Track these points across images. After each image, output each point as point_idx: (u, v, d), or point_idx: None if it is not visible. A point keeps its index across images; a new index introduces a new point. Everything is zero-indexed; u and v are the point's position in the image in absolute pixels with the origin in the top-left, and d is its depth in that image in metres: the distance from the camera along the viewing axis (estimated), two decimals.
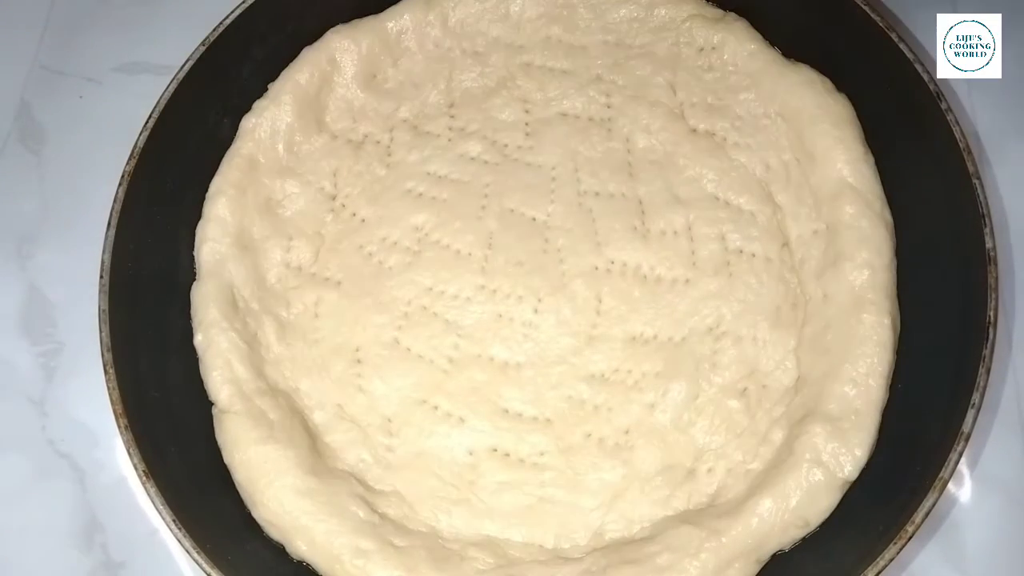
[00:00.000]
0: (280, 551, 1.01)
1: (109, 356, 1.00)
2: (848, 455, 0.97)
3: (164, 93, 1.11)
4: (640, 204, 1.14)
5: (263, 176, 1.15)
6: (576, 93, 1.20)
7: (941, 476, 0.92)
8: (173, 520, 0.95)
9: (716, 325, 1.08)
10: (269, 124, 1.16)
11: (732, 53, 1.17)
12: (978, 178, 1.01)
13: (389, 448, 1.07)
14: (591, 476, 1.04)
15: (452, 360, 1.10)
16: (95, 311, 1.02)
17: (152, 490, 0.96)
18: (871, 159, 1.10)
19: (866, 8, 1.09)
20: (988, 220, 0.99)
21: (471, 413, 1.07)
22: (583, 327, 1.09)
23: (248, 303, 1.11)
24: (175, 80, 1.11)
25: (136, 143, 1.09)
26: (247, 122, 1.16)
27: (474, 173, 1.17)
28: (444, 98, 1.21)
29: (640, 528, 1.02)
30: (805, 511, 0.97)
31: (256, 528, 1.02)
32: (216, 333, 1.07)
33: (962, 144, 1.02)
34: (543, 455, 1.05)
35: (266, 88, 1.18)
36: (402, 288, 1.12)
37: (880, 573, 0.91)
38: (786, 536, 0.98)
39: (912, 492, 0.93)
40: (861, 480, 0.98)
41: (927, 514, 0.92)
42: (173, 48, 1.15)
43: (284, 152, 1.17)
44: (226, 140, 1.16)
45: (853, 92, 1.12)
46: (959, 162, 1.01)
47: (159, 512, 0.95)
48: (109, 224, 1.05)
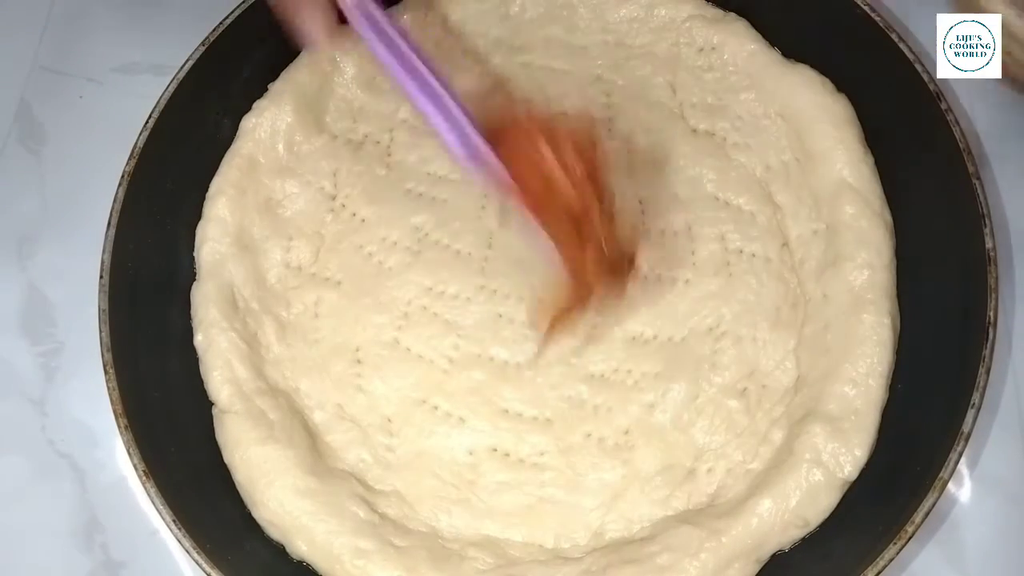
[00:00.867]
0: (280, 551, 1.01)
1: (109, 356, 1.00)
2: (848, 455, 0.98)
3: (164, 93, 1.11)
4: (640, 204, 1.14)
5: (263, 176, 1.15)
6: (576, 93, 1.19)
7: (941, 476, 0.92)
8: (173, 520, 0.95)
9: (716, 325, 1.08)
10: (269, 124, 1.16)
11: (732, 53, 1.16)
12: (978, 178, 1.01)
13: (389, 448, 1.07)
14: (591, 476, 1.04)
15: (452, 360, 1.09)
16: (95, 311, 1.02)
17: (152, 490, 0.96)
18: (871, 159, 1.10)
19: (866, 8, 1.09)
20: (988, 220, 0.99)
21: (471, 413, 1.07)
22: (583, 327, 1.09)
23: (248, 303, 1.11)
24: (175, 80, 1.11)
25: (136, 143, 1.09)
26: (247, 122, 1.16)
27: None
28: None
29: (640, 528, 1.02)
30: (805, 511, 0.97)
31: (256, 528, 1.02)
32: (216, 333, 1.07)
33: (962, 144, 1.02)
34: (543, 455, 1.05)
35: (266, 88, 1.17)
36: (402, 288, 1.12)
37: (880, 573, 0.91)
38: (786, 536, 0.98)
39: (912, 492, 0.93)
40: (861, 480, 0.98)
41: (927, 514, 0.92)
42: (173, 48, 1.15)
43: (284, 152, 1.17)
44: (226, 140, 1.16)
45: (853, 92, 1.12)
46: (959, 162, 1.02)
47: (159, 512, 0.96)
48: (109, 224, 1.06)
